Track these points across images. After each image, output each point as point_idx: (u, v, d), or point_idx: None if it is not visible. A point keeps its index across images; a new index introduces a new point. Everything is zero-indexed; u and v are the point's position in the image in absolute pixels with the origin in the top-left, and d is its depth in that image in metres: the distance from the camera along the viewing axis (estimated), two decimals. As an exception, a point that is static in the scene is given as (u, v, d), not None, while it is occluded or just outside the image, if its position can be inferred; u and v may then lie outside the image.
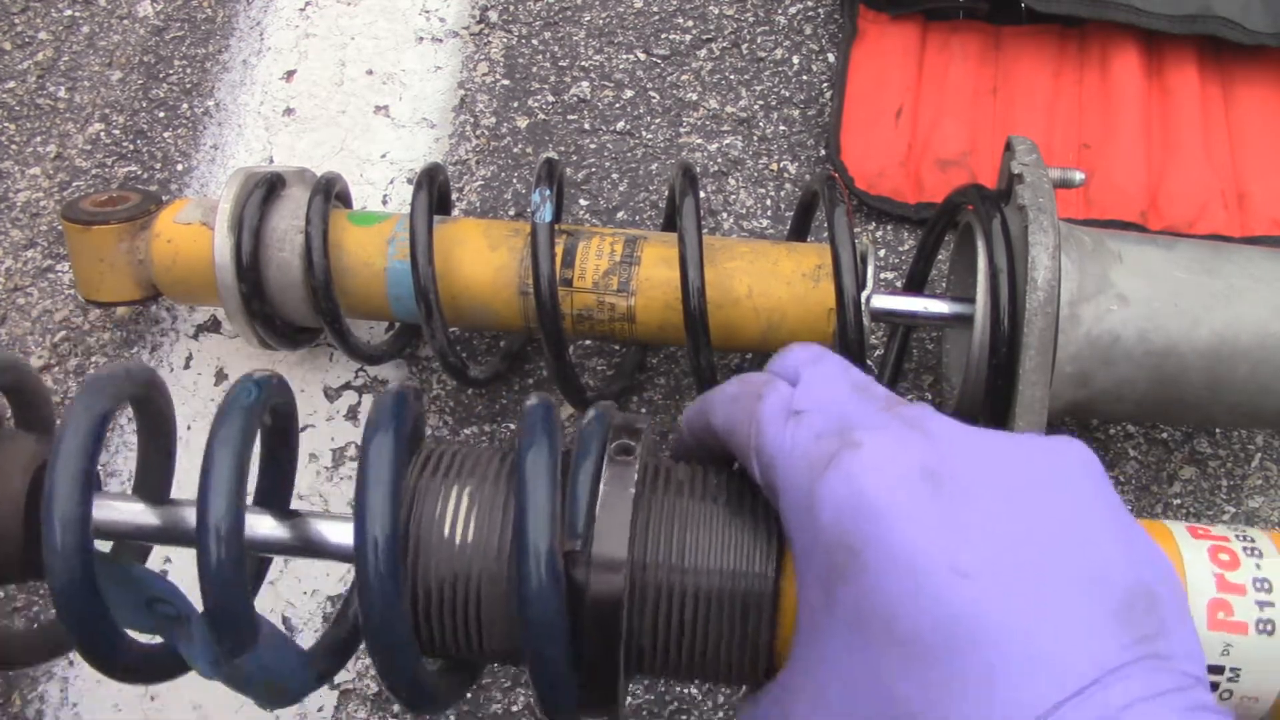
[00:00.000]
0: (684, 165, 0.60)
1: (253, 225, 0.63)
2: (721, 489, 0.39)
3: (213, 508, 0.36)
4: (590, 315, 0.63)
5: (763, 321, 0.62)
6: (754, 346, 0.64)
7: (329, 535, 0.40)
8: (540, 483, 0.35)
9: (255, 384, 0.39)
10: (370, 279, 0.64)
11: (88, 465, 0.36)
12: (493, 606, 0.37)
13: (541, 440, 0.36)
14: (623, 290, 0.62)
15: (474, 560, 0.37)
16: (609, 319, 0.63)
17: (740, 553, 0.37)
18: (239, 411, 0.37)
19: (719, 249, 0.63)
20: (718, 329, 0.61)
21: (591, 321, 0.63)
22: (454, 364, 0.65)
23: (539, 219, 0.59)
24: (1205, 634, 0.39)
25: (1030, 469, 0.33)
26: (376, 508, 0.35)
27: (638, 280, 0.62)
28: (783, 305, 0.61)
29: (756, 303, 0.61)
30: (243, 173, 0.65)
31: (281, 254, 0.64)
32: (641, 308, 0.62)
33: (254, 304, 0.64)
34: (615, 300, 0.62)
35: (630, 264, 0.62)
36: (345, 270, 0.64)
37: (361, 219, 0.66)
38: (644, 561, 0.37)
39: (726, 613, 0.37)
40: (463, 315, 0.65)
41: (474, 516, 0.38)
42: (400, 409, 0.38)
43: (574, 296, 0.63)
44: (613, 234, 0.64)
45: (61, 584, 0.36)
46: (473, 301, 0.64)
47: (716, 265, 0.62)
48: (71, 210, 0.67)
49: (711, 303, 0.60)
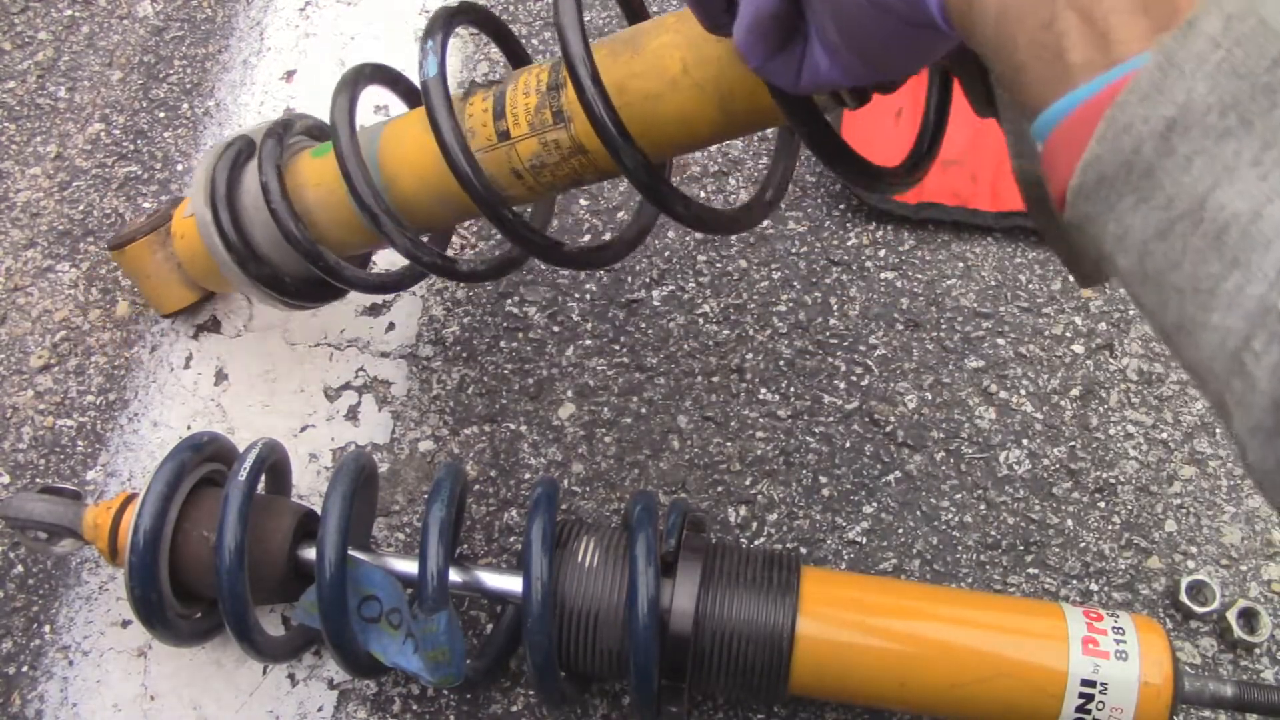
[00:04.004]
0: None
1: (223, 192, 0.61)
2: (758, 562, 0.57)
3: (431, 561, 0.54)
4: (543, 162, 0.53)
5: (711, 96, 0.48)
6: (717, 131, 0.51)
7: (487, 581, 0.58)
8: (645, 559, 0.53)
9: (451, 479, 0.57)
10: (337, 206, 0.60)
11: (346, 524, 0.54)
12: (609, 635, 0.55)
13: (646, 528, 0.54)
14: (559, 121, 0.51)
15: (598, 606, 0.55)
16: (560, 159, 0.52)
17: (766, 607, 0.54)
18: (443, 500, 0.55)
19: (643, 33, 0.50)
20: (669, 125, 0.49)
21: (549, 169, 0.53)
22: (432, 261, 0.58)
23: (424, 74, 0.50)
24: (1080, 659, 0.53)
25: None
26: (538, 568, 0.53)
27: (569, 104, 0.51)
28: (726, 68, 0.47)
29: (696, 75, 0.48)
30: (212, 149, 0.64)
31: (261, 214, 0.61)
32: (584, 133, 0.51)
33: (251, 267, 0.62)
34: (557, 136, 0.51)
35: (558, 90, 0.51)
36: (315, 206, 0.61)
37: (321, 151, 0.62)
38: (706, 611, 0.54)
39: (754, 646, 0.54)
40: (430, 216, 0.59)
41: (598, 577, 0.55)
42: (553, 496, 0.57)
43: (517, 148, 0.52)
44: (539, 65, 0.53)
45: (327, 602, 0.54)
46: (428, 197, 0.57)
47: (640, 52, 0.49)
48: (113, 240, 0.69)
49: (645, 95, 0.49)
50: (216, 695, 0.64)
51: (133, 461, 0.70)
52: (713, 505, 0.68)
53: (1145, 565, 0.66)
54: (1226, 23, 0.22)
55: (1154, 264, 0.23)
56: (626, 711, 0.63)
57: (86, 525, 0.58)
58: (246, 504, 0.54)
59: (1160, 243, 0.23)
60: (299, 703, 0.64)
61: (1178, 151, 0.23)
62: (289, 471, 0.65)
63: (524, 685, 0.64)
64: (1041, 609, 0.56)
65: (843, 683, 0.55)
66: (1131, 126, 0.23)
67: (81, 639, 0.66)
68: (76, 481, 0.70)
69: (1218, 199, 0.22)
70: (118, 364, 0.74)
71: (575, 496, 0.68)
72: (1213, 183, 0.22)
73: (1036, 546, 0.67)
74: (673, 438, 0.70)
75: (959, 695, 0.54)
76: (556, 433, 0.70)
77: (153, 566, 0.54)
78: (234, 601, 0.54)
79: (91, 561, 0.68)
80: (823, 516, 0.68)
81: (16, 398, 0.73)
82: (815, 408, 0.71)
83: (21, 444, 0.71)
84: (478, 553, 0.67)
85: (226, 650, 0.65)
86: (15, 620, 0.66)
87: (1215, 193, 0.22)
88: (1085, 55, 0.24)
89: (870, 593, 0.57)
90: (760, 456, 0.69)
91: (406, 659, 0.55)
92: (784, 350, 0.72)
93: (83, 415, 0.72)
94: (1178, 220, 0.23)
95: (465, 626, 0.65)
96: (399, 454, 0.70)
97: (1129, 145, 0.23)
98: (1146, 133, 0.23)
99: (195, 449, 0.58)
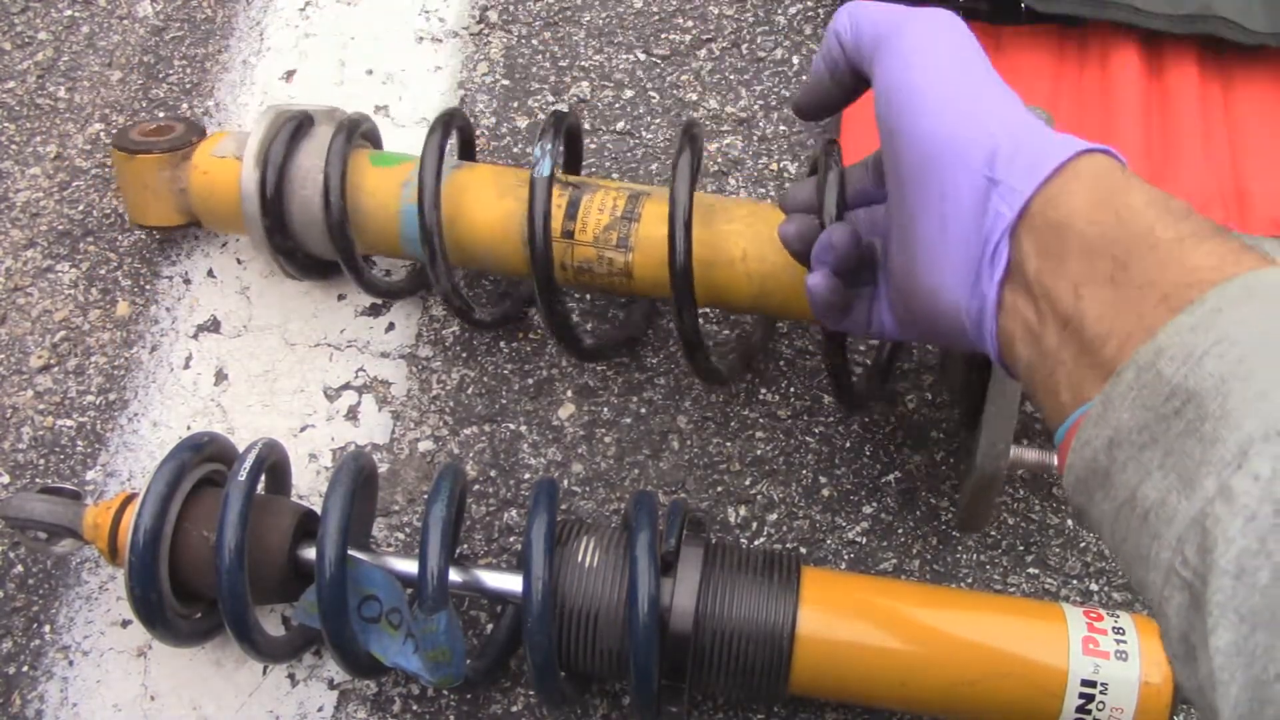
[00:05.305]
0: (687, 123, 0.60)
1: (278, 162, 0.65)
2: (758, 561, 0.57)
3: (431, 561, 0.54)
4: (590, 268, 0.63)
5: (755, 286, 0.61)
6: (744, 308, 0.63)
7: (487, 581, 0.58)
8: (645, 558, 0.53)
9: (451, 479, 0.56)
10: (385, 220, 0.66)
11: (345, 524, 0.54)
12: (609, 634, 0.55)
13: (647, 527, 0.54)
14: (621, 246, 0.62)
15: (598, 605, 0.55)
16: (607, 273, 0.63)
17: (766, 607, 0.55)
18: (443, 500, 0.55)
19: (717, 210, 0.62)
20: (708, 289, 0.61)
21: (591, 274, 0.63)
22: (460, 307, 0.66)
23: (537, 173, 0.59)
24: (1080, 659, 0.53)
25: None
26: (538, 568, 0.53)
27: (636, 237, 0.62)
28: (776, 271, 0.61)
29: (750, 267, 0.61)
30: (274, 110, 0.67)
31: (304, 191, 0.66)
32: (639, 264, 0.62)
33: (276, 237, 0.67)
34: (614, 255, 0.62)
35: (630, 220, 0.62)
36: (361, 210, 0.66)
37: (382, 160, 0.67)
38: (706, 610, 0.55)
39: (754, 646, 0.54)
40: (471, 259, 0.66)
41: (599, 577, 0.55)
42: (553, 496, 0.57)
43: (575, 249, 0.62)
44: (618, 188, 0.63)
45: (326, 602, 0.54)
46: (478, 248, 0.65)
47: (712, 227, 0.61)
48: (121, 139, 0.70)
49: (703, 262, 0.60)
50: (216, 695, 0.64)
51: (132, 461, 0.70)
52: (713, 505, 0.68)
53: (1145, 565, 0.66)
54: (1138, 373, 0.32)
55: (1115, 539, 0.33)
56: (626, 711, 0.63)
57: (86, 525, 0.58)
58: (246, 504, 0.54)
59: (1115, 523, 0.32)
60: (299, 703, 0.64)
61: (1117, 459, 0.32)
62: (289, 471, 0.65)
63: (524, 685, 0.64)
64: (1041, 609, 0.56)
65: (843, 683, 0.55)
66: (1090, 442, 0.33)
67: (81, 639, 0.66)
68: (76, 481, 0.70)
69: (1144, 491, 0.31)
70: (118, 364, 0.74)
71: (575, 496, 0.68)
72: (1139, 480, 0.31)
73: (1036, 546, 0.67)
74: (673, 438, 0.70)
75: (959, 695, 0.54)
76: (556, 433, 0.70)
77: (153, 566, 0.54)
78: (234, 601, 0.54)
79: (91, 561, 0.68)
80: (823, 516, 0.68)
81: (16, 398, 0.73)
82: (815, 408, 0.71)
83: (21, 444, 0.71)
84: (478, 553, 0.67)
85: (226, 650, 0.65)
86: (15, 620, 0.66)
87: (1141, 487, 0.31)
88: (1070, 396, 0.35)
89: (870, 593, 0.57)
90: (760, 456, 0.69)
91: (406, 659, 0.55)
92: (784, 350, 0.72)
93: (82, 415, 0.72)
94: (1122, 506, 0.32)
95: (465, 626, 0.65)
96: (399, 454, 0.70)
97: (1089, 455, 0.33)
98: (1099, 446, 0.33)
99: (195, 449, 0.58)
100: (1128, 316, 0.33)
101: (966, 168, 0.39)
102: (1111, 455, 0.32)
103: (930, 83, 0.41)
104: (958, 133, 0.40)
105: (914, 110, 0.41)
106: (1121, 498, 0.32)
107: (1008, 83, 0.43)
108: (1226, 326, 0.30)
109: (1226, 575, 0.27)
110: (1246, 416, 0.28)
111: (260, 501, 0.58)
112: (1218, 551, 0.27)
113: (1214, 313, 0.30)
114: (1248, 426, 0.28)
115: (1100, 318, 0.34)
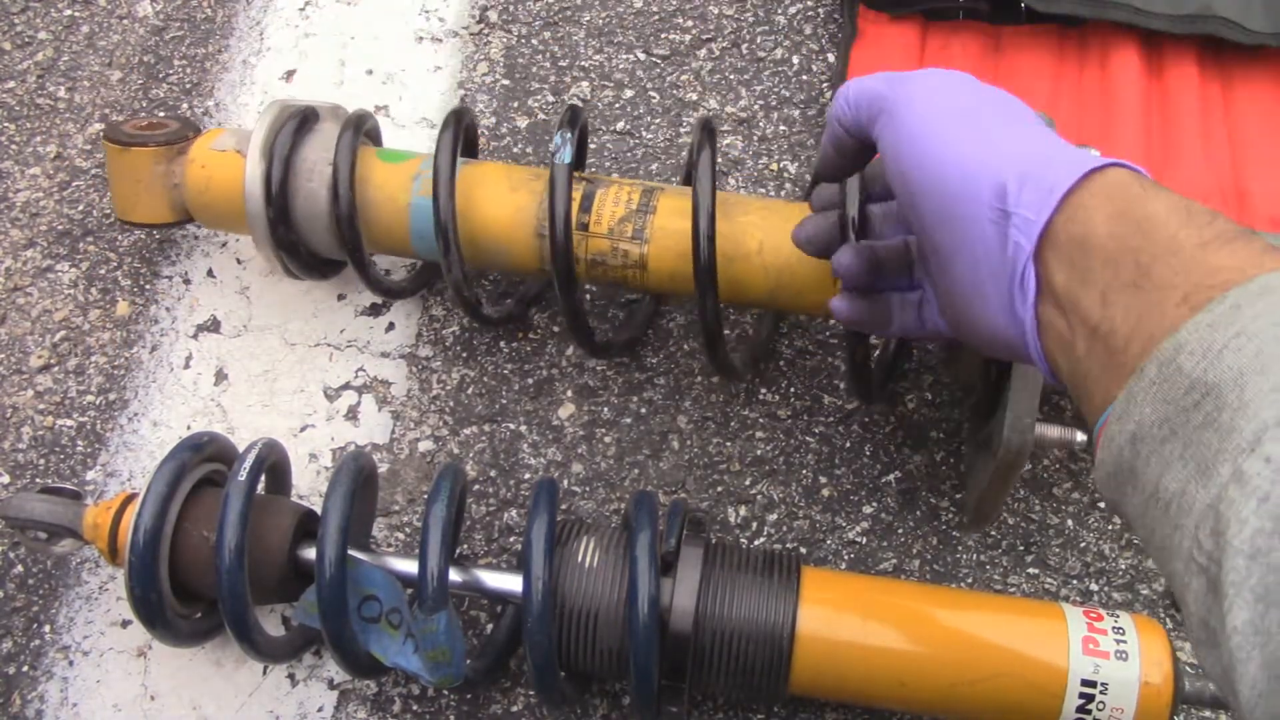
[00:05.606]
0: (703, 120, 0.60)
1: (283, 154, 0.65)
2: (758, 561, 0.57)
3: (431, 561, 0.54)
4: (603, 261, 0.63)
5: (771, 279, 0.62)
6: (760, 302, 0.64)
7: (487, 581, 0.58)
8: (645, 558, 0.53)
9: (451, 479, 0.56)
10: (394, 214, 0.65)
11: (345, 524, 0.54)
12: (609, 634, 0.55)
13: (647, 527, 0.54)
14: (637, 238, 0.62)
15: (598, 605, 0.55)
16: (622, 265, 0.63)
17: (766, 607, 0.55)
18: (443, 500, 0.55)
19: (734, 204, 0.63)
20: (726, 282, 0.61)
21: (604, 267, 0.63)
22: (469, 300, 0.66)
23: (558, 160, 0.59)
24: (1080, 659, 0.53)
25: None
26: (538, 568, 0.53)
27: (652, 229, 0.62)
28: (792, 265, 0.61)
29: (766, 259, 0.61)
30: (278, 104, 0.67)
31: (310, 184, 0.65)
32: (654, 256, 0.62)
33: (279, 231, 0.66)
34: (629, 247, 0.62)
35: (646, 213, 0.62)
36: (370, 204, 0.65)
37: (389, 156, 0.67)
38: (706, 610, 0.55)
39: (754, 646, 0.54)
40: (481, 255, 0.66)
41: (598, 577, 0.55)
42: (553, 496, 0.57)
43: (589, 241, 0.63)
44: (631, 183, 0.64)
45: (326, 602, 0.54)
46: (490, 241, 0.65)
47: (730, 219, 0.62)
48: (113, 132, 0.69)
49: (722, 255, 0.60)
50: (216, 695, 0.64)
51: (132, 461, 0.70)
52: (713, 505, 0.68)
53: (1145, 565, 0.66)
54: (1159, 368, 0.33)
55: (1146, 533, 0.34)
56: (626, 711, 0.63)
57: (86, 525, 0.58)
58: (246, 504, 0.54)
59: (1144, 517, 0.33)
60: (299, 703, 0.64)
61: (1140, 453, 0.33)
62: (289, 471, 0.65)
63: (524, 685, 0.64)
64: (1041, 609, 0.56)
65: (843, 683, 0.55)
66: (1115, 438, 0.34)
67: (81, 639, 0.66)
68: (76, 481, 0.70)
69: (1165, 482, 0.32)
70: (118, 364, 0.74)
71: (575, 496, 0.68)
72: (1161, 472, 0.32)
73: (1036, 546, 0.67)
74: (673, 438, 0.70)
75: (959, 695, 0.54)
76: (556, 433, 0.70)
77: (153, 566, 0.54)
78: (234, 601, 0.54)
79: (91, 561, 0.68)
80: (823, 516, 0.68)
81: (16, 398, 0.73)
82: (815, 408, 0.71)
83: (21, 444, 0.71)
84: (478, 553, 0.67)
85: (226, 650, 0.65)
86: (15, 620, 0.66)
87: (1163, 479, 0.32)
88: (1100, 399, 0.37)
89: (870, 593, 0.57)
90: (760, 456, 0.69)
91: (406, 659, 0.55)
92: (784, 350, 0.72)
93: (82, 415, 0.72)
94: (1149, 500, 0.33)
95: (465, 626, 0.65)
96: (399, 454, 0.70)
97: (1115, 451, 0.34)
98: (1123, 441, 0.34)
99: (195, 449, 0.58)
100: (1151, 317, 0.34)
101: (979, 207, 0.41)
102: (1135, 449, 0.33)
103: (929, 135, 0.43)
104: (965, 175, 0.41)
105: (919, 165, 0.43)
106: (1147, 491, 0.33)
107: (1008, 83, 0.44)
108: (1245, 321, 0.31)
109: (1241, 555, 0.27)
110: (1263, 406, 0.29)
111: (260, 501, 0.58)
112: (1231, 532, 0.28)
113: (1233, 309, 0.31)
114: (1264, 415, 0.29)
115: (1124, 321, 0.35)
